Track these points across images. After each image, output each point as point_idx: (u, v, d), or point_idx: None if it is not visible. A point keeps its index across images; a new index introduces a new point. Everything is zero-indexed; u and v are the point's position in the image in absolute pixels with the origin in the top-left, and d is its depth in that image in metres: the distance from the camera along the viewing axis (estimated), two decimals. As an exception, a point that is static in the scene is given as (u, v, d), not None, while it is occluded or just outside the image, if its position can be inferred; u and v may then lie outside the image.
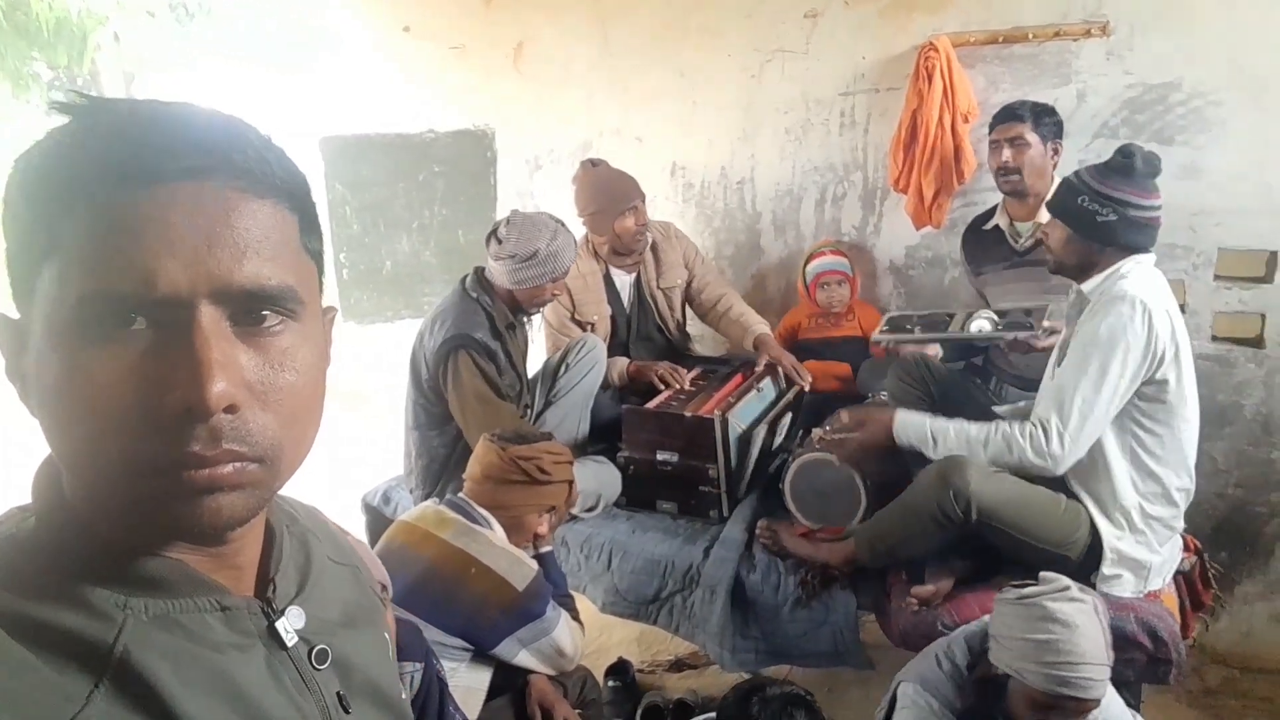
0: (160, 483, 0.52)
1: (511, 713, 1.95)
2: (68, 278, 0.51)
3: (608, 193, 2.89)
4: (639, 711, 2.55)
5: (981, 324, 2.40)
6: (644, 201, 2.92)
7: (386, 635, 0.78)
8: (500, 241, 2.51)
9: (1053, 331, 2.29)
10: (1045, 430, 1.97)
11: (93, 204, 0.51)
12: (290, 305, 0.56)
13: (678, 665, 2.92)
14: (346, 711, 0.65)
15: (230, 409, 0.52)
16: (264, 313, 0.55)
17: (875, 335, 2.58)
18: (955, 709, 1.67)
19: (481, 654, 1.89)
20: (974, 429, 2.06)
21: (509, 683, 1.97)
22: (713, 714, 1.58)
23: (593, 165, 2.94)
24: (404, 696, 0.76)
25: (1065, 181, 2.07)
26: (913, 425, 2.12)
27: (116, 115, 0.53)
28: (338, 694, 0.65)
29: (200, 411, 0.50)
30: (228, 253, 0.53)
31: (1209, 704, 2.59)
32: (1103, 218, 1.96)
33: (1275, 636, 2.79)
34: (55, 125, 0.54)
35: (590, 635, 2.82)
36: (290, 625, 0.63)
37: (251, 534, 0.63)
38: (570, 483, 2.09)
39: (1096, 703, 1.56)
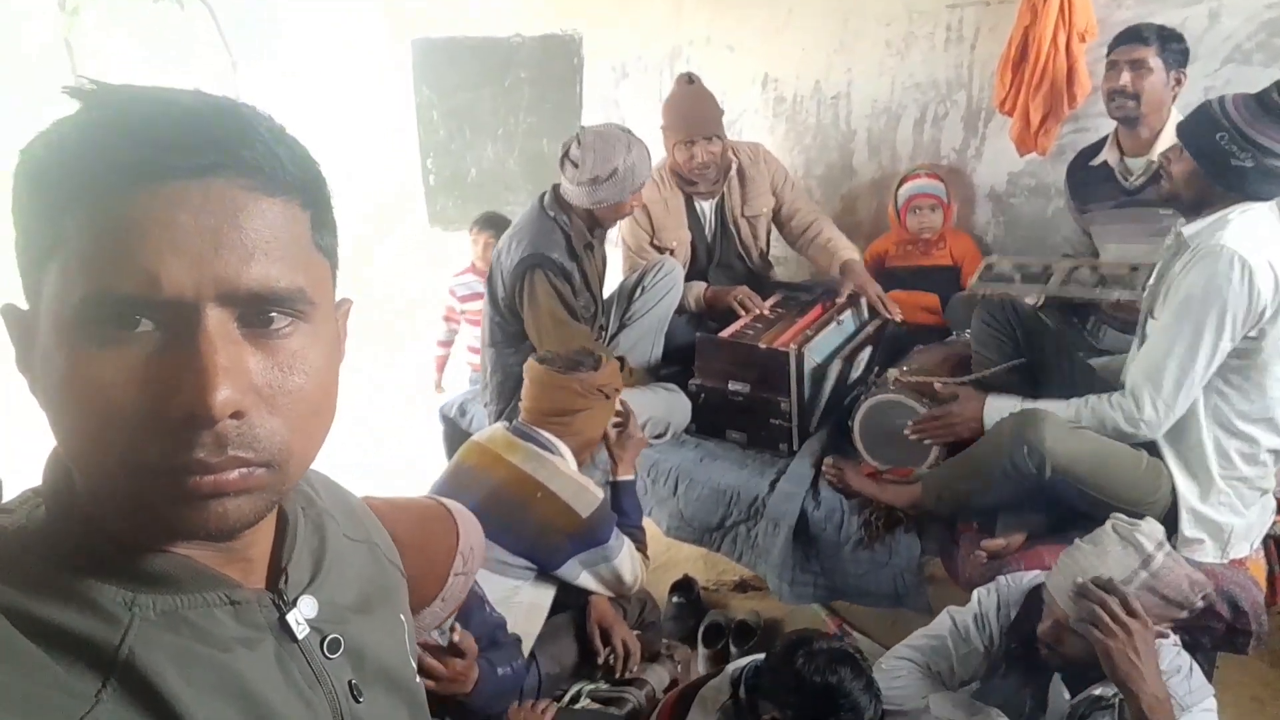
0: (164, 487, 0.51)
1: (572, 630, 2.02)
2: (71, 276, 0.50)
3: (677, 114, 2.80)
4: (701, 629, 2.61)
5: (1082, 277, 2.27)
6: (714, 141, 2.78)
7: (402, 616, 0.78)
8: (576, 165, 2.45)
9: None
10: (1137, 400, 1.89)
11: (95, 201, 0.50)
12: (300, 306, 0.55)
13: (742, 586, 2.96)
14: (358, 700, 0.66)
15: (236, 415, 0.51)
16: (272, 314, 0.54)
17: (972, 284, 2.47)
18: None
19: (545, 573, 1.95)
20: (1064, 406, 1.98)
21: (571, 599, 2.03)
22: (761, 655, 1.60)
23: (688, 81, 2.83)
24: (418, 681, 0.77)
25: (1205, 111, 1.84)
26: (1006, 411, 2.05)
27: (121, 106, 0.51)
28: (350, 682, 0.66)
29: (204, 419, 0.50)
30: (235, 254, 0.51)
31: (1293, 663, 2.50)
32: (1238, 161, 1.77)
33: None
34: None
35: (658, 549, 2.87)
36: (302, 616, 0.63)
37: (263, 527, 0.63)
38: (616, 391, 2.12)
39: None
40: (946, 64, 3.07)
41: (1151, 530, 1.53)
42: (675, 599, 2.74)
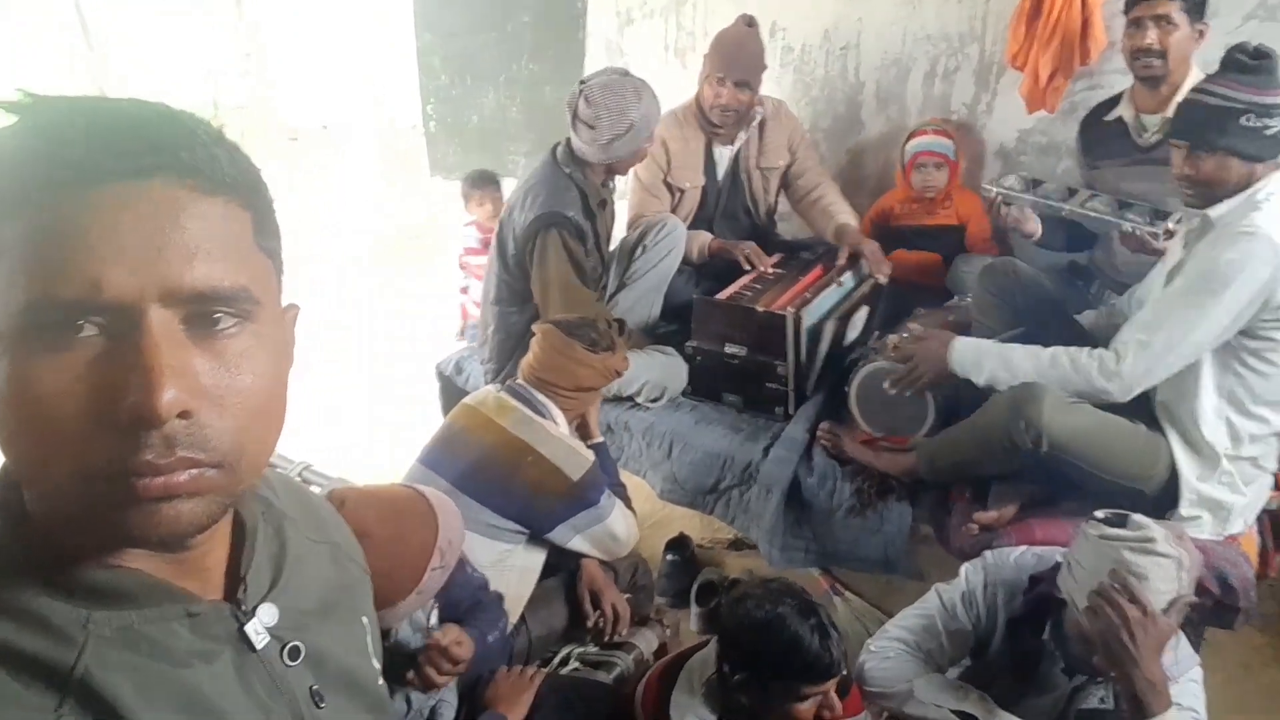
0: (113, 491, 0.51)
1: (562, 593, 2.04)
2: (14, 283, 0.50)
3: (721, 49, 2.75)
4: (694, 587, 2.62)
5: (1099, 205, 2.21)
6: (744, 89, 2.72)
7: (365, 619, 0.78)
8: (592, 127, 2.38)
9: (1173, 234, 2.09)
10: (1120, 353, 1.84)
11: (35, 208, 0.50)
12: (245, 306, 0.55)
13: (737, 545, 2.96)
14: (319, 706, 0.66)
15: (184, 415, 0.51)
16: (217, 315, 0.54)
17: (985, 184, 2.41)
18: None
19: (536, 537, 1.96)
20: (1042, 351, 1.94)
21: (562, 564, 2.05)
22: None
23: (746, 23, 2.77)
24: (380, 683, 0.77)
25: (1206, 107, 1.80)
26: (969, 354, 2.00)
27: (59, 114, 0.52)
28: (311, 688, 0.66)
29: (150, 419, 0.50)
30: (177, 254, 0.51)
31: (1280, 630, 2.50)
32: (1273, 130, 1.75)
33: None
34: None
35: (653, 507, 2.89)
36: (261, 624, 0.63)
37: (218, 535, 0.63)
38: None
39: None
40: (959, 16, 2.98)
41: (1159, 531, 1.43)
42: (669, 557, 2.75)
